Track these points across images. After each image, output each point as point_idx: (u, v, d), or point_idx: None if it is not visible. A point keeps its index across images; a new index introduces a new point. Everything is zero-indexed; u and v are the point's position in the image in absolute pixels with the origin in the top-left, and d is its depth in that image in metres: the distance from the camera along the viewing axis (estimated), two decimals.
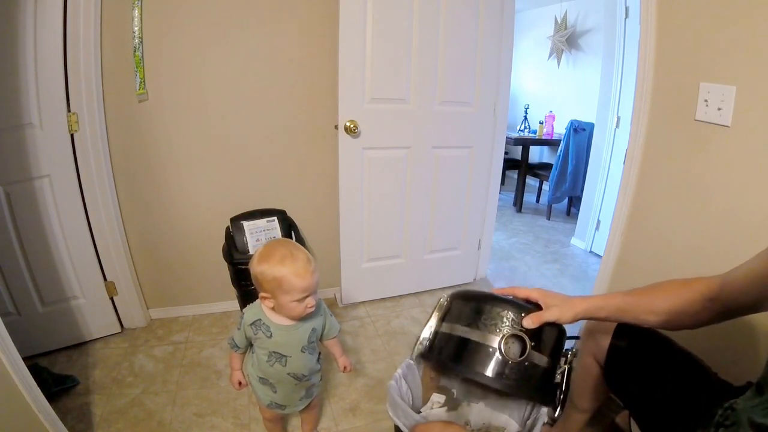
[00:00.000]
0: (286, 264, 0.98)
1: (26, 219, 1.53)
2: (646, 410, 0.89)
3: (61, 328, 1.70)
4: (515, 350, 0.80)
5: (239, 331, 1.09)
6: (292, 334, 1.07)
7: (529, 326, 0.80)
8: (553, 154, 4.13)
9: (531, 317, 0.80)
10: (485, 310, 0.84)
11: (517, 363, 0.79)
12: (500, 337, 0.80)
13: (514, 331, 0.80)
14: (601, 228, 2.84)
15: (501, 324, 0.82)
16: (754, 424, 0.55)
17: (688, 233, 1.25)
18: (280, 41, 1.77)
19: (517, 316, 0.82)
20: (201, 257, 1.95)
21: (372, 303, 2.17)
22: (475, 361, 0.82)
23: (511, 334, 0.80)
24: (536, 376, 0.81)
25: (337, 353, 1.23)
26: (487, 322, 0.83)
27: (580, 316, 0.83)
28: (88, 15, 1.47)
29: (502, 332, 0.81)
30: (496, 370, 0.80)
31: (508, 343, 0.80)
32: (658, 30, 1.28)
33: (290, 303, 1.00)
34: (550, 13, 4.14)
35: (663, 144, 1.32)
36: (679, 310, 0.77)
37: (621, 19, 2.53)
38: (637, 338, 0.94)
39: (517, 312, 0.82)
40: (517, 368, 0.79)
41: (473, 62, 1.96)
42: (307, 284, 0.99)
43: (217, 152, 1.84)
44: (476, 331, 0.83)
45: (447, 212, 2.19)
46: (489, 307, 0.84)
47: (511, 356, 0.79)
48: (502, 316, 0.82)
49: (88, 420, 1.39)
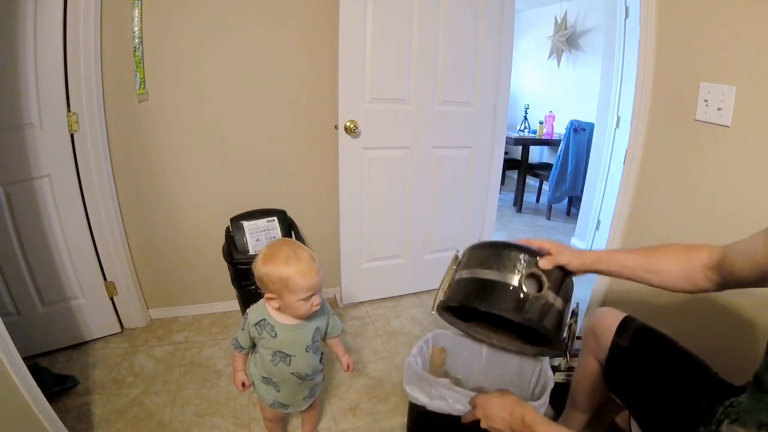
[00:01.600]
0: (290, 264, 0.99)
1: (26, 219, 1.53)
2: (647, 410, 0.90)
3: (61, 328, 1.70)
4: (533, 288, 0.87)
5: (243, 331, 1.09)
6: (297, 333, 1.08)
7: (544, 267, 0.88)
8: (553, 154, 4.13)
9: (546, 258, 0.89)
10: (503, 254, 0.91)
11: (537, 298, 0.86)
12: (519, 276, 0.88)
13: (531, 270, 0.88)
14: (601, 228, 2.84)
15: (519, 265, 0.89)
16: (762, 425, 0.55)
17: (688, 233, 1.25)
18: (280, 41, 1.77)
19: (533, 259, 0.89)
20: (201, 257, 1.95)
21: (372, 303, 2.17)
22: (498, 298, 0.89)
23: (529, 273, 0.88)
24: (552, 313, 0.88)
25: (340, 352, 1.23)
26: (506, 263, 0.90)
27: (587, 265, 0.89)
28: (88, 15, 1.47)
29: (521, 272, 0.88)
30: (517, 305, 0.87)
31: (526, 282, 0.87)
32: (658, 30, 1.28)
33: (297, 302, 1.01)
34: (550, 13, 4.14)
35: (663, 144, 1.32)
36: (680, 273, 0.79)
37: (621, 19, 2.53)
38: (639, 338, 0.94)
39: (533, 255, 0.90)
40: (536, 303, 0.86)
41: (473, 62, 1.96)
42: (312, 283, 1.00)
43: (217, 152, 1.84)
44: (496, 272, 0.90)
45: (447, 212, 2.19)
46: (507, 251, 0.91)
47: (530, 292, 0.86)
48: (520, 258, 0.89)
49: (88, 420, 1.39)
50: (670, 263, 0.80)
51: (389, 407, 1.49)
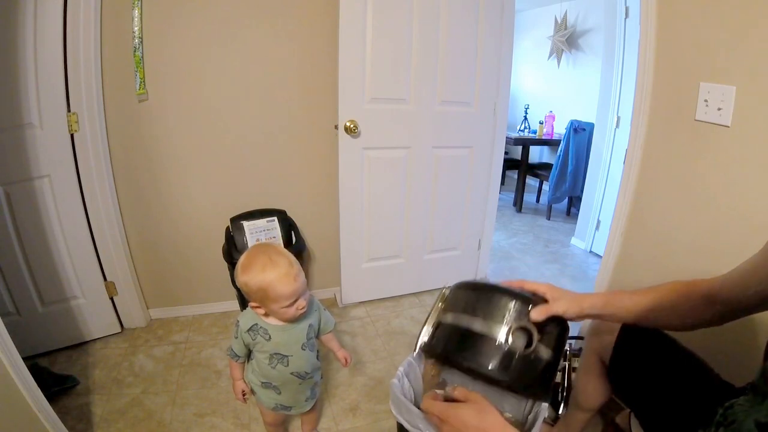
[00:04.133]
0: (267, 272, 0.96)
1: (26, 219, 1.53)
2: (649, 409, 0.90)
3: (61, 328, 1.70)
4: (521, 342, 0.78)
5: (237, 339, 1.08)
6: (290, 333, 1.07)
7: (536, 318, 0.78)
8: (553, 154, 4.13)
9: (538, 309, 0.78)
10: (492, 301, 0.82)
11: (523, 355, 0.77)
12: (507, 329, 0.78)
13: (521, 323, 0.78)
14: (601, 228, 2.84)
15: (508, 315, 0.79)
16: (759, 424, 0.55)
17: (689, 233, 1.25)
18: (280, 41, 1.77)
19: (524, 308, 0.79)
20: (201, 257, 1.95)
21: (372, 303, 2.17)
22: (480, 353, 0.79)
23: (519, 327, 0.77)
24: (540, 368, 0.80)
25: (335, 347, 1.23)
26: (494, 312, 0.80)
27: (586, 311, 0.82)
28: (88, 15, 1.47)
29: (509, 324, 0.78)
30: (502, 363, 0.77)
31: (514, 335, 0.77)
32: (658, 30, 1.28)
33: (280, 309, 0.99)
34: (550, 13, 4.14)
35: (663, 144, 1.31)
36: (683, 310, 0.77)
37: (621, 19, 2.53)
38: (642, 338, 0.94)
39: (524, 303, 0.80)
40: (522, 361, 0.77)
41: (473, 62, 1.96)
42: (292, 289, 0.98)
43: (217, 152, 1.84)
44: (482, 321, 0.81)
45: (447, 212, 2.19)
46: (496, 298, 0.82)
47: (517, 348, 0.77)
48: (510, 307, 0.80)
49: (88, 420, 1.39)
50: (673, 302, 0.78)
51: (389, 407, 1.49)
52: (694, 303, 0.76)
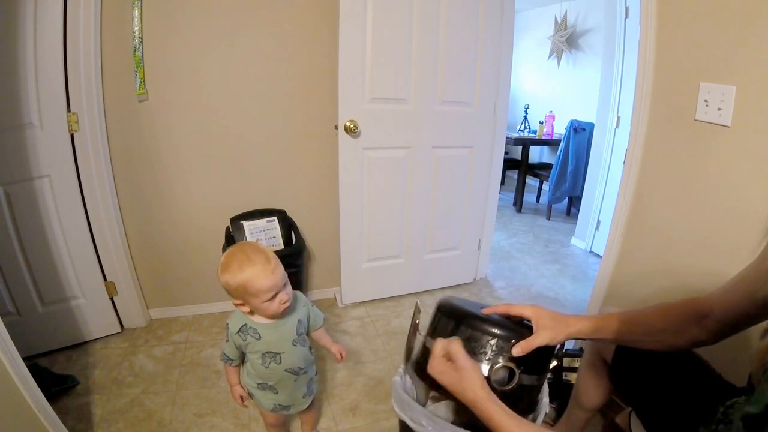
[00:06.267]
0: (245, 269, 0.98)
1: (26, 219, 1.53)
2: (651, 408, 0.90)
3: (61, 328, 1.70)
4: (504, 376, 0.78)
5: (228, 343, 1.09)
6: (280, 330, 1.08)
7: (518, 354, 0.77)
8: (553, 154, 4.13)
9: (520, 345, 0.77)
10: (473, 336, 0.80)
11: (505, 391, 0.76)
12: (488, 367, 0.77)
13: (502, 361, 0.77)
14: (601, 228, 2.84)
15: (490, 352, 0.78)
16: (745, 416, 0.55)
17: (689, 233, 1.25)
18: (280, 41, 1.77)
19: (506, 344, 0.78)
20: (201, 257, 1.95)
21: (372, 303, 2.17)
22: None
23: (500, 366, 0.77)
24: (524, 397, 0.80)
25: (328, 343, 1.23)
26: (474, 347, 0.79)
27: (572, 336, 0.81)
28: (88, 15, 1.47)
29: (491, 361, 0.78)
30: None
31: (498, 373, 0.77)
32: (658, 30, 1.28)
33: (262, 304, 1.01)
34: (550, 13, 4.14)
35: (663, 144, 1.31)
36: (676, 330, 0.77)
37: (621, 19, 2.53)
38: None
39: (506, 341, 0.79)
40: (503, 394, 0.76)
41: (473, 62, 1.96)
42: (271, 283, 0.99)
43: (217, 152, 1.84)
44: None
45: (447, 212, 2.19)
46: (478, 334, 0.80)
47: (499, 385, 0.76)
48: (492, 344, 0.79)
49: (88, 420, 1.39)
50: (666, 322, 0.78)
51: (389, 407, 1.49)
52: (687, 323, 0.76)
